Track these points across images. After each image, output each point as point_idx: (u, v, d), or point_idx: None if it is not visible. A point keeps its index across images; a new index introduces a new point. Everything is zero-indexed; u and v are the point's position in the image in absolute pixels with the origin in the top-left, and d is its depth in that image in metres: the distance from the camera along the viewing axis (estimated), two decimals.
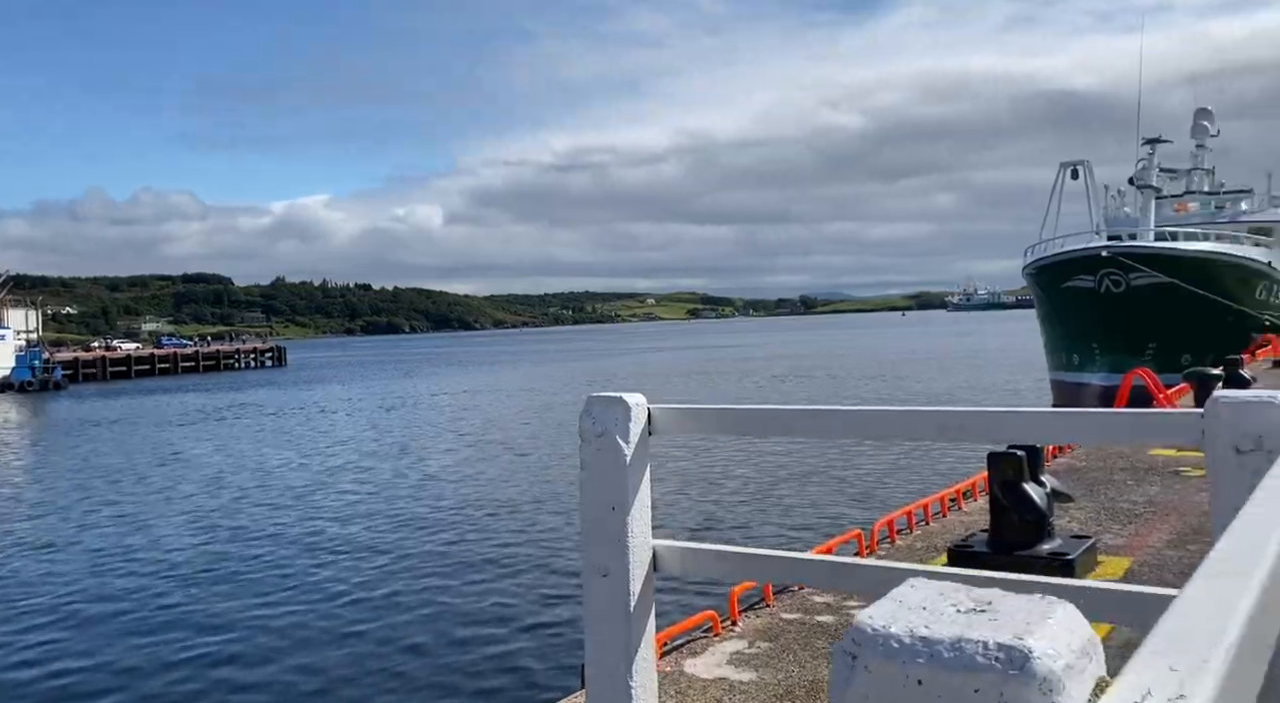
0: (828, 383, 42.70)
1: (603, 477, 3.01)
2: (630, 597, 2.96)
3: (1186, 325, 27.87)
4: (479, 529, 13.69)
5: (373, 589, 10.78)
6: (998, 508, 5.06)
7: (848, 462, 17.78)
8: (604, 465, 3.03)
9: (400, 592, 10.60)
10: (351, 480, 19.07)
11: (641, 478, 3.02)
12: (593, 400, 2.94)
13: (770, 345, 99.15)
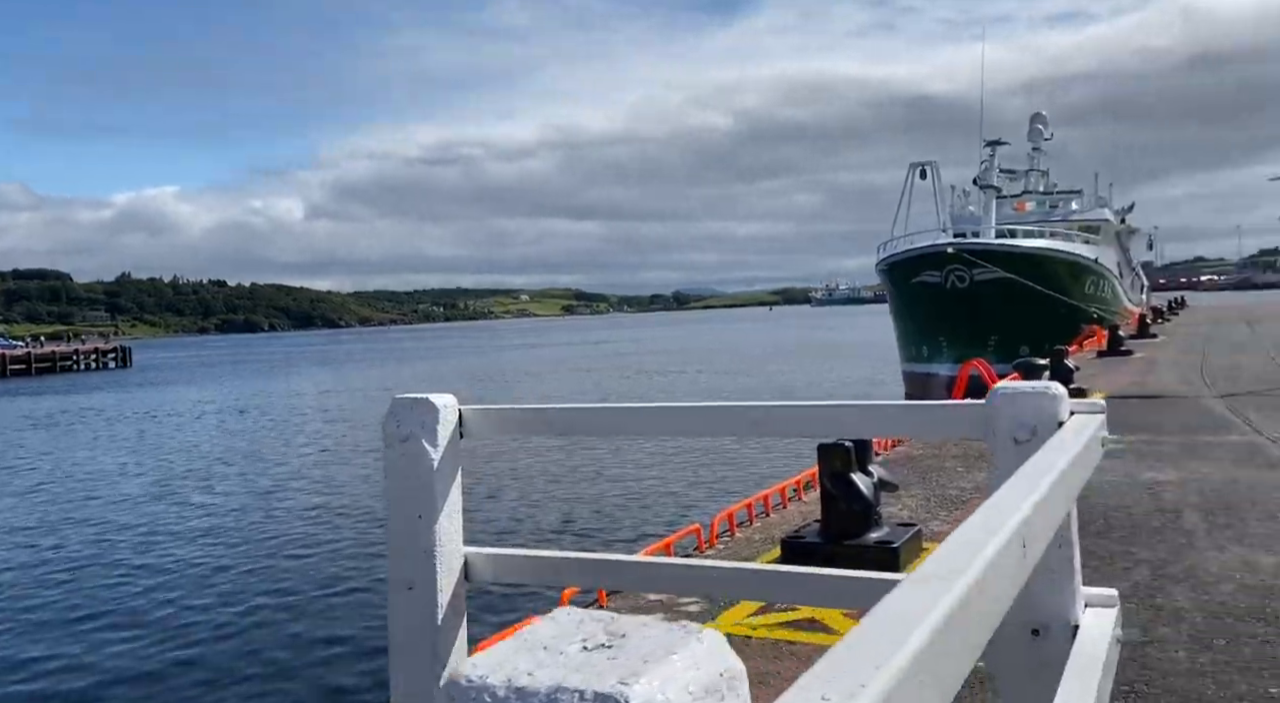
0: (696, 378, 43.38)
1: (408, 484, 2.84)
2: (438, 609, 2.81)
3: (1024, 318, 29.66)
4: (308, 543, 12.82)
5: (178, 608, 10.04)
6: (828, 499, 5.18)
7: (688, 457, 17.90)
8: (409, 472, 2.86)
9: (217, 608, 9.93)
10: (190, 489, 17.91)
11: (451, 484, 2.86)
12: (398, 403, 2.78)
13: (644, 341, 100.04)
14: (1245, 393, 11.77)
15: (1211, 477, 6.84)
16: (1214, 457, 7.60)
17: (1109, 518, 5.81)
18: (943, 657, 0.71)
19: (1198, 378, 13.88)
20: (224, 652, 8.65)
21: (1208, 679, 3.34)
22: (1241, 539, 5.16)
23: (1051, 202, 44.27)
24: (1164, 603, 4.18)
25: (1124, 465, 7.49)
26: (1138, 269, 51.07)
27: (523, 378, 47.46)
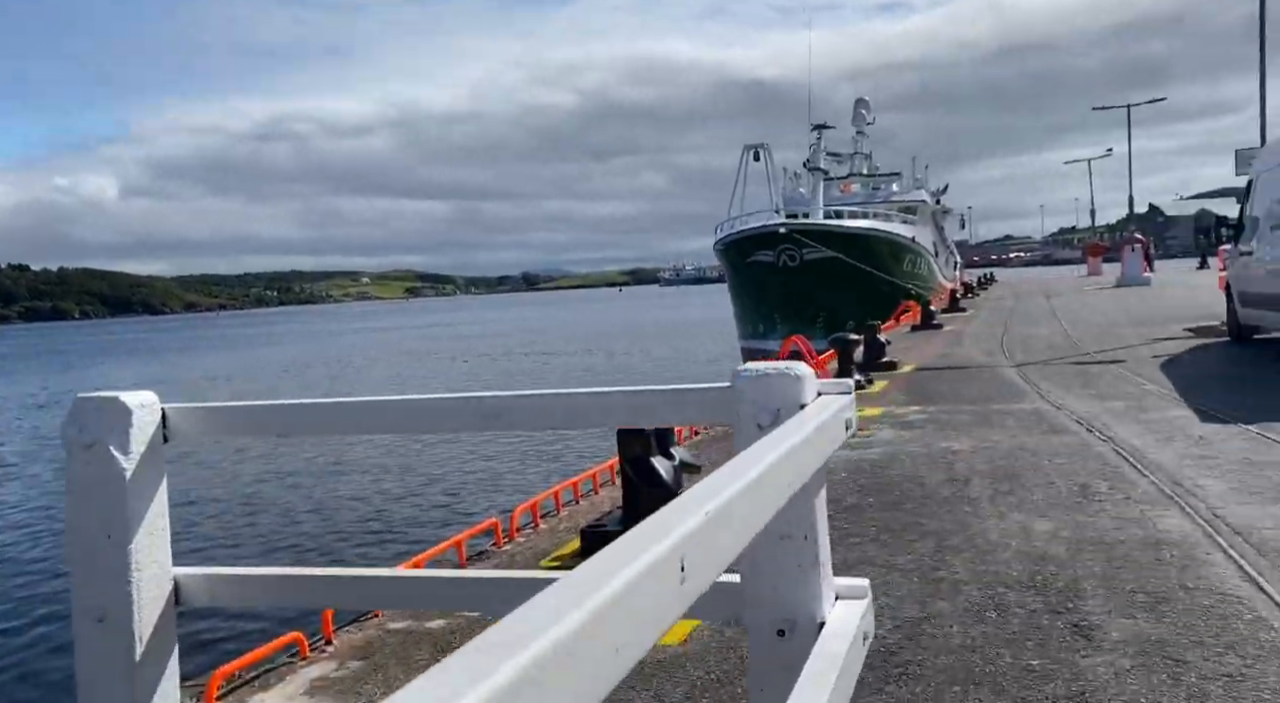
0: (540, 360, 42.97)
1: (94, 499, 2.37)
2: (137, 643, 2.37)
3: (850, 295, 30.97)
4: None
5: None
6: (628, 484, 5.00)
7: (484, 449, 17.49)
8: (96, 484, 2.39)
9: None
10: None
11: (152, 496, 2.41)
12: (81, 403, 2.30)
13: (490, 323, 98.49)
14: (1038, 362, 12.60)
15: (1001, 444, 7.16)
16: (1005, 425, 7.99)
17: (903, 489, 5.93)
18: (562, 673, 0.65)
19: (998, 349, 14.78)
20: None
21: (976, 655, 3.35)
22: (1021, 506, 5.36)
23: (874, 184, 46.60)
24: (945, 576, 4.23)
25: (923, 436, 7.75)
26: (952, 247, 54.53)
27: (346, 366, 45.49)
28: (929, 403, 9.61)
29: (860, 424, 7.29)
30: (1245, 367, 10.86)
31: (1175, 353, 12.42)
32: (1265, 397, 8.52)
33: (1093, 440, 7.09)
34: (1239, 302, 12.83)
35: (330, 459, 17.08)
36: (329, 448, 17.61)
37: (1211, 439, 6.81)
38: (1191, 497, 5.27)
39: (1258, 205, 11.96)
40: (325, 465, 16.74)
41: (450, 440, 17.27)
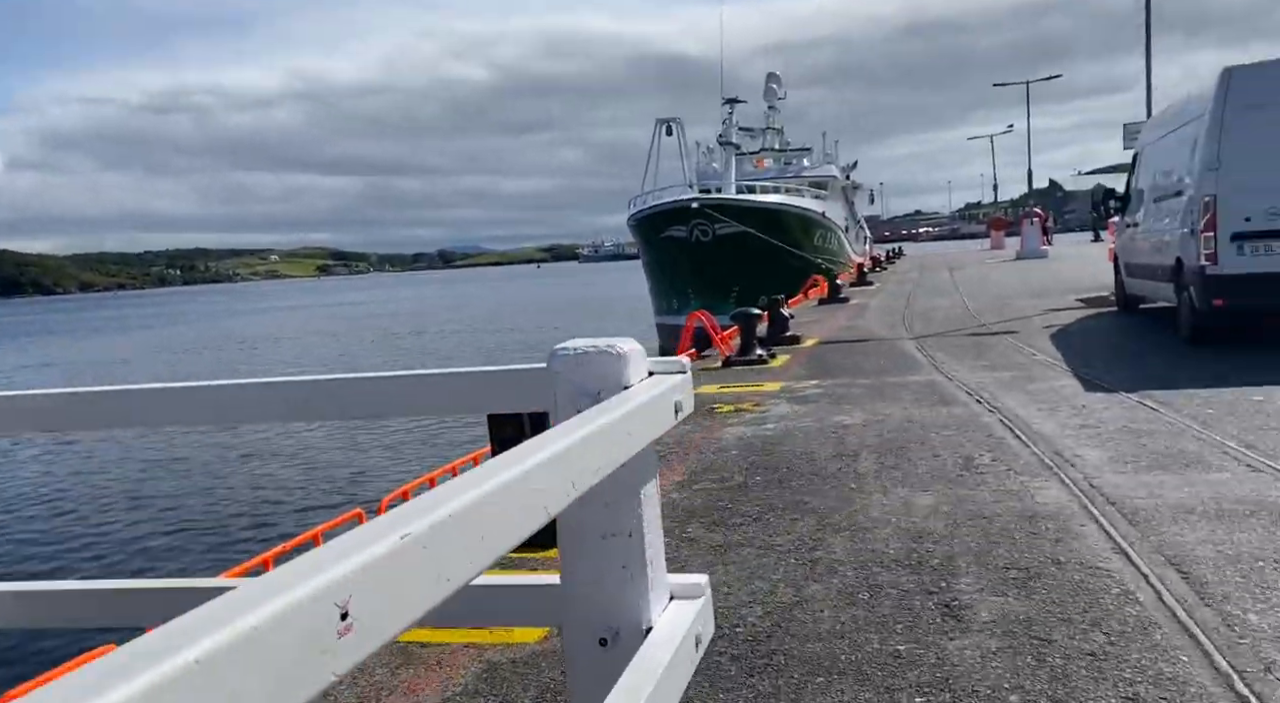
0: (449, 338, 42.16)
1: None
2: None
3: (762, 270, 31.18)
4: None
5: None
6: None
7: (357, 435, 17.04)
8: None
9: None
10: None
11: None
12: None
13: (403, 301, 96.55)
14: (936, 334, 12.77)
15: (892, 417, 7.14)
16: (897, 398, 7.99)
17: (792, 465, 5.82)
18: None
19: (900, 322, 14.97)
20: None
21: (844, 641, 3.21)
22: (906, 480, 5.29)
23: (785, 159, 46.98)
24: (822, 556, 4.11)
25: (818, 410, 7.69)
26: (862, 222, 55.53)
27: (247, 348, 43.85)
28: (827, 377, 9.59)
29: (758, 400, 7.18)
30: (1130, 337, 11.19)
31: (1066, 323, 12.74)
32: (1146, 366, 8.75)
33: (981, 411, 7.13)
34: (1125, 273, 13.23)
35: (169, 447, 16.26)
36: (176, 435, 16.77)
37: (1093, 408, 6.91)
38: (1071, 467, 5.29)
39: (1142, 178, 12.31)
40: (165, 454, 15.93)
41: (320, 426, 16.71)
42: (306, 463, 14.72)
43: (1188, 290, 9.53)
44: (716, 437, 6.89)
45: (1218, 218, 8.89)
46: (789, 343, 12.82)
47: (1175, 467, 5.15)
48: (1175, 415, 6.44)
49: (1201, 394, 7.12)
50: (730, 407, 8.18)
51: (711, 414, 7.88)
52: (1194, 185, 9.29)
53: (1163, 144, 11.03)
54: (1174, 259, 10.01)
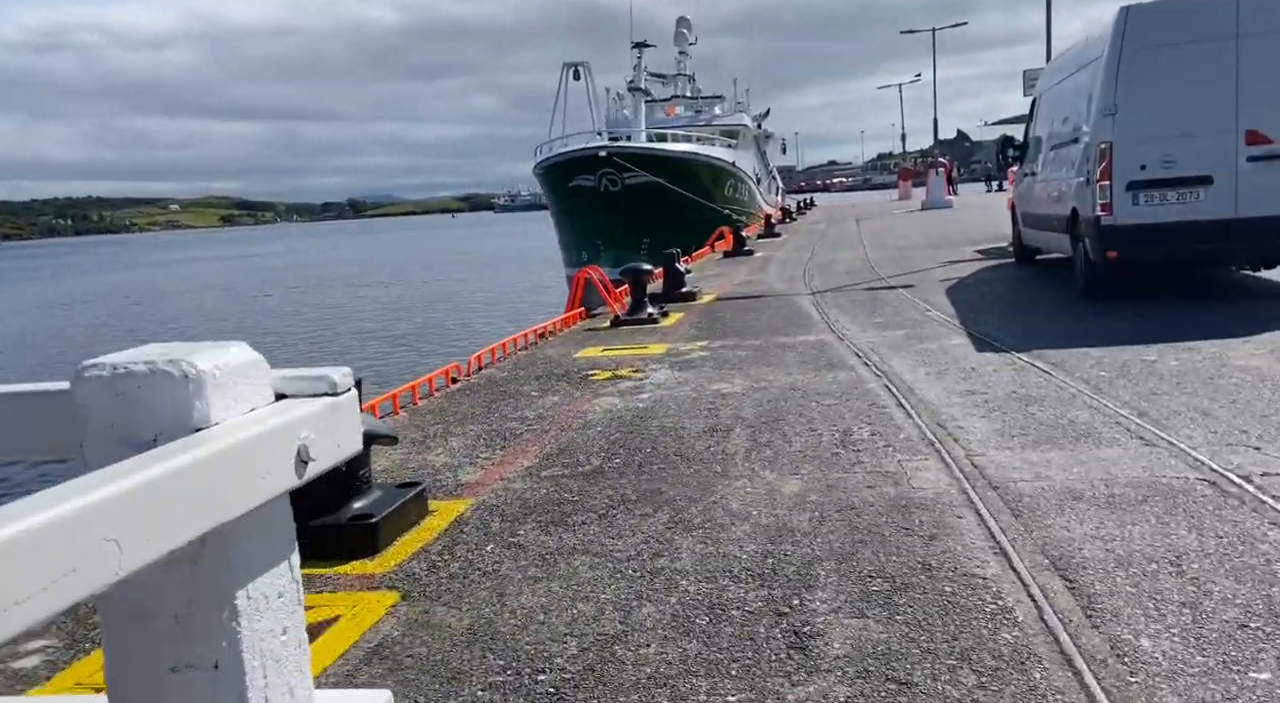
0: (346, 292, 40.41)
1: None
2: None
3: (672, 221, 30.46)
4: None
5: None
6: None
7: None
8: None
9: None
10: None
11: None
12: None
13: (308, 252, 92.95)
14: (833, 289, 12.35)
15: (775, 384, 6.60)
16: (784, 361, 7.46)
17: (657, 445, 5.21)
18: None
19: (800, 276, 14.53)
20: None
21: (665, 691, 2.61)
22: (776, 460, 4.74)
23: (697, 106, 46.09)
24: (664, 566, 3.50)
25: (699, 377, 7.10)
26: (774, 172, 55.22)
27: (130, 305, 41.29)
28: (716, 337, 9.02)
29: (638, 365, 6.47)
30: (1025, 290, 10.94)
31: (962, 277, 12.47)
32: (1039, 321, 8.43)
33: (867, 376, 6.64)
34: (1022, 223, 13.01)
35: None
36: None
37: (982, 371, 6.49)
38: (953, 442, 4.82)
39: (1040, 125, 12.00)
40: None
41: None
42: None
43: (1083, 242, 9.24)
44: (584, 410, 6.24)
45: (1113, 166, 8.56)
46: (684, 300, 12.22)
47: (1064, 440, 4.72)
48: (1067, 379, 6.06)
49: (1094, 354, 6.78)
50: (608, 373, 7.53)
51: (585, 383, 7.22)
52: (1090, 132, 8.93)
53: (1060, 89, 10.68)
54: (1070, 209, 9.70)
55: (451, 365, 7.73)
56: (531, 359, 8.57)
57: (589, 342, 9.46)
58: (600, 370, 7.68)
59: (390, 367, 18.21)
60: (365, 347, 22.99)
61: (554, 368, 7.98)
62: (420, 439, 5.72)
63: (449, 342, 22.22)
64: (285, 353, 22.08)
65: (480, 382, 7.62)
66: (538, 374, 7.74)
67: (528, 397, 6.85)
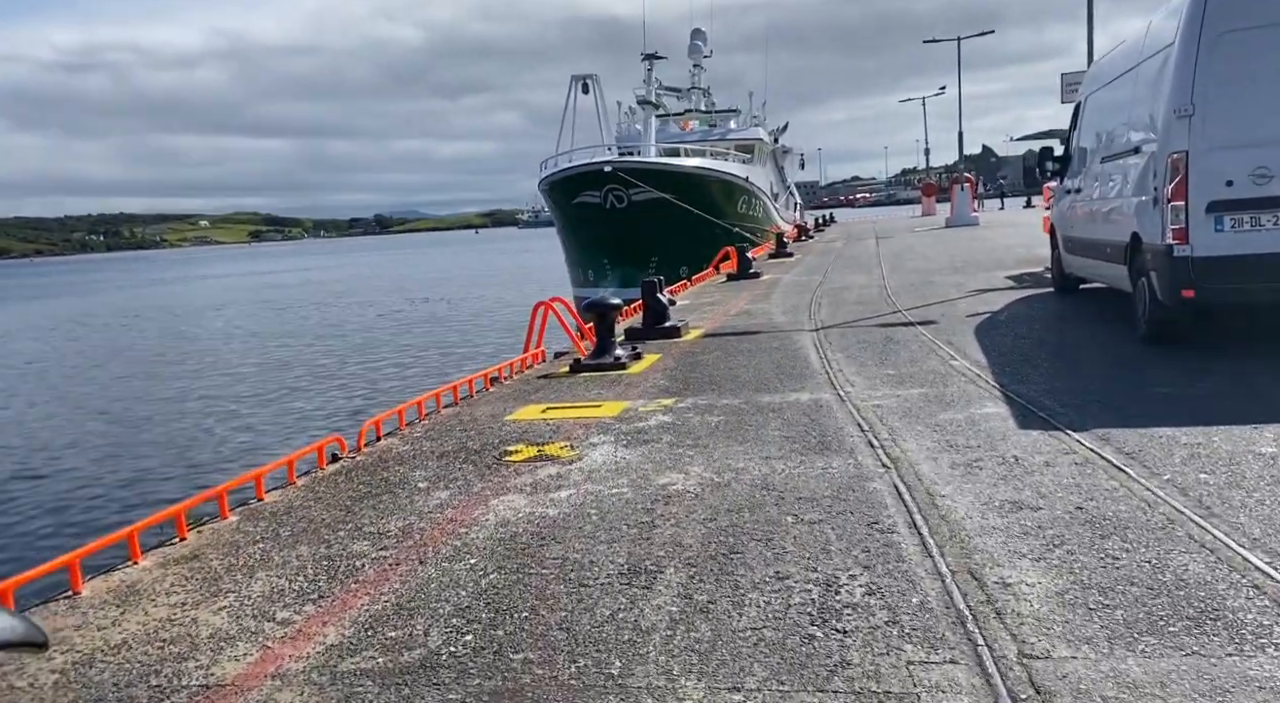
0: (359, 309, 38.99)
1: None
2: None
3: (682, 238, 28.84)
4: None
5: None
6: None
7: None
8: None
9: None
10: None
11: None
12: None
13: (333, 268, 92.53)
14: (842, 324, 10.55)
15: (743, 478, 4.83)
16: (763, 435, 5.69)
17: (540, 608, 3.44)
18: None
19: (806, 305, 12.74)
20: None
21: None
22: (710, 654, 2.97)
23: (711, 121, 44.39)
24: None
25: (648, 459, 5.35)
26: (792, 188, 53.37)
27: (156, 319, 40.11)
28: (688, 392, 7.27)
29: (578, 437, 4.49)
30: (1070, 332, 9.10)
31: (993, 311, 10.63)
32: (1095, 380, 6.60)
33: (871, 466, 4.86)
34: (1064, 248, 11.16)
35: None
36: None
37: (1030, 464, 4.69)
38: (997, 622, 3.02)
39: (1085, 134, 10.17)
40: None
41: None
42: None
43: (1147, 276, 7.40)
44: (471, 519, 4.50)
45: (1190, 182, 6.73)
46: (666, 336, 10.48)
47: (1175, 623, 2.92)
48: (1153, 484, 4.25)
49: (1181, 437, 4.96)
50: (533, 450, 5.80)
51: (498, 466, 5.48)
52: (1159, 139, 7.10)
53: (1114, 90, 8.86)
54: (1128, 235, 7.87)
55: (331, 438, 6.02)
56: (451, 424, 6.85)
57: (535, 395, 7.73)
58: (526, 445, 5.94)
59: (320, 414, 16.43)
60: (304, 390, 19.76)
61: (471, 438, 6.26)
62: (214, 577, 4.00)
63: (409, 378, 19.85)
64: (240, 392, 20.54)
65: (368, 460, 5.91)
66: (446, 448, 6.01)
67: (411, 491, 5.12)
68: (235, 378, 21.56)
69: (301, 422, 15.67)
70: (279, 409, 17.18)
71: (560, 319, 9.90)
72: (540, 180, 32.90)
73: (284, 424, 15.58)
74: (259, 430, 15.24)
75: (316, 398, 18.27)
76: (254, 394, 19.04)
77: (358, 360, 23.62)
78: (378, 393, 18.08)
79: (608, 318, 8.98)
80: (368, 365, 22.63)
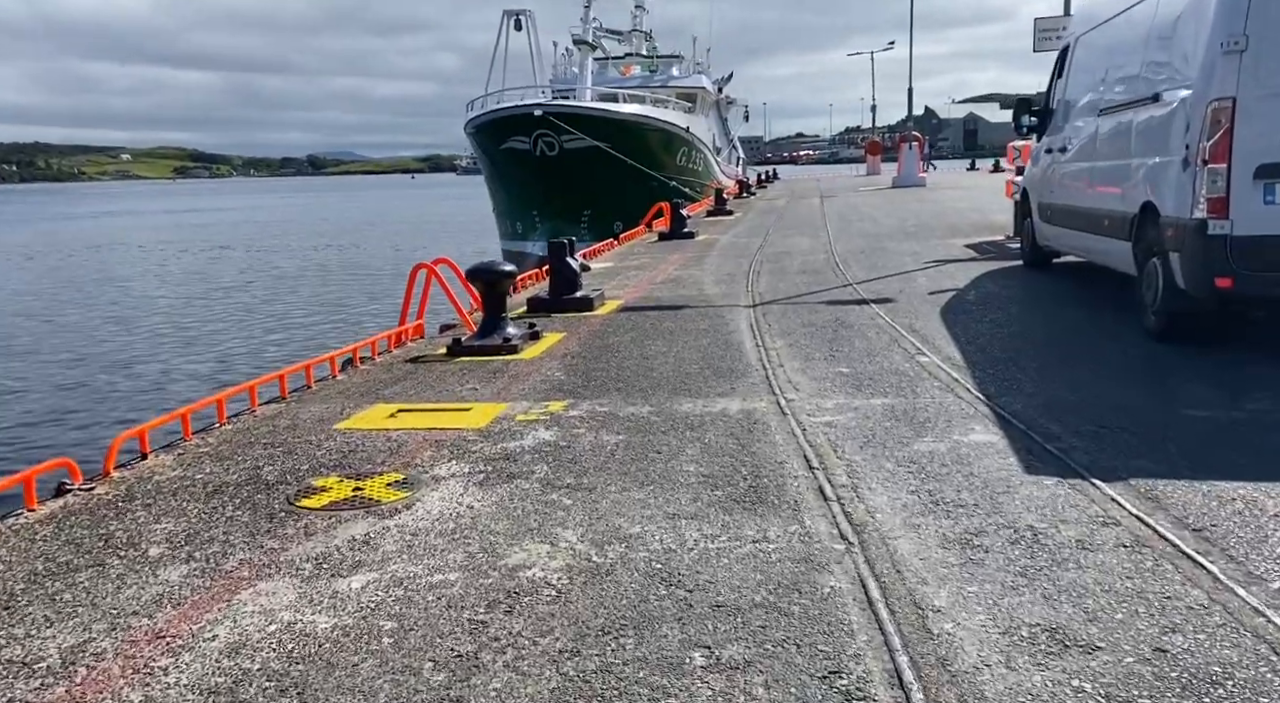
0: (268, 255, 36.26)
1: None
2: None
3: (617, 191, 26.93)
4: None
5: None
6: None
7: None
8: None
9: None
10: None
11: None
12: None
13: (254, 209, 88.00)
14: (784, 299, 8.98)
15: (637, 552, 3.21)
16: (675, 471, 4.07)
17: None
18: None
19: (744, 272, 11.14)
20: None
21: None
22: None
23: (652, 66, 42.14)
24: None
25: (500, 514, 3.69)
26: (735, 141, 51.54)
27: (43, 259, 36.71)
28: (586, 392, 5.61)
29: (421, 466, 2.91)
30: (1056, 317, 7.67)
31: (958, 287, 9.17)
32: (1106, 390, 5.12)
33: (824, 540, 3.28)
34: (1039, 215, 9.72)
35: None
36: None
37: (1058, 544, 3.16)
38: None
39: (1074, 82, 8.66)
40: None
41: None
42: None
43: (1164, 258, 5.93)
44: (185, 641, 2.79)
45: (1235, 138, 5.24)
46: (577, 309, 8.78)
47: None
48: (1260, 601, 2.75)
49: (1262, 497, 3.49)
50: (350, 486, 4.09)
51: (288, 518, 3.77)
52: (1197, 83, 5.57)
53: (1121, 25, 7.31)
54: (1137, 206, 6.39)
55: (56, 461, 4.21)
56: (259, 432, 5.07)
57: (391, 388, 5.99)
58: (341, 477, 4.22)
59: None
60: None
61: (274, 459, 4.51)
62: None
63: (266, 354, 15.93)
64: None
65: (109, 495, 4.12)
66: (228, 478, 4.26)
67: (131, 563, 3.37)
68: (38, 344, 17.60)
69: (83, 414, 12.22)
70: (62, 399, 13.17)
71: (444, 286, 8.10)
72: (466, 123, 30.56)
73: (61, 420, 11.96)
74: (32, 424, 11.73)
75: (120, 378, 14.38)
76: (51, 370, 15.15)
77: (213, 324, 19.76)
78: (218, 369, 14.70)
79: (498, 288, 7.23)
80: (222, 332, 18.79)
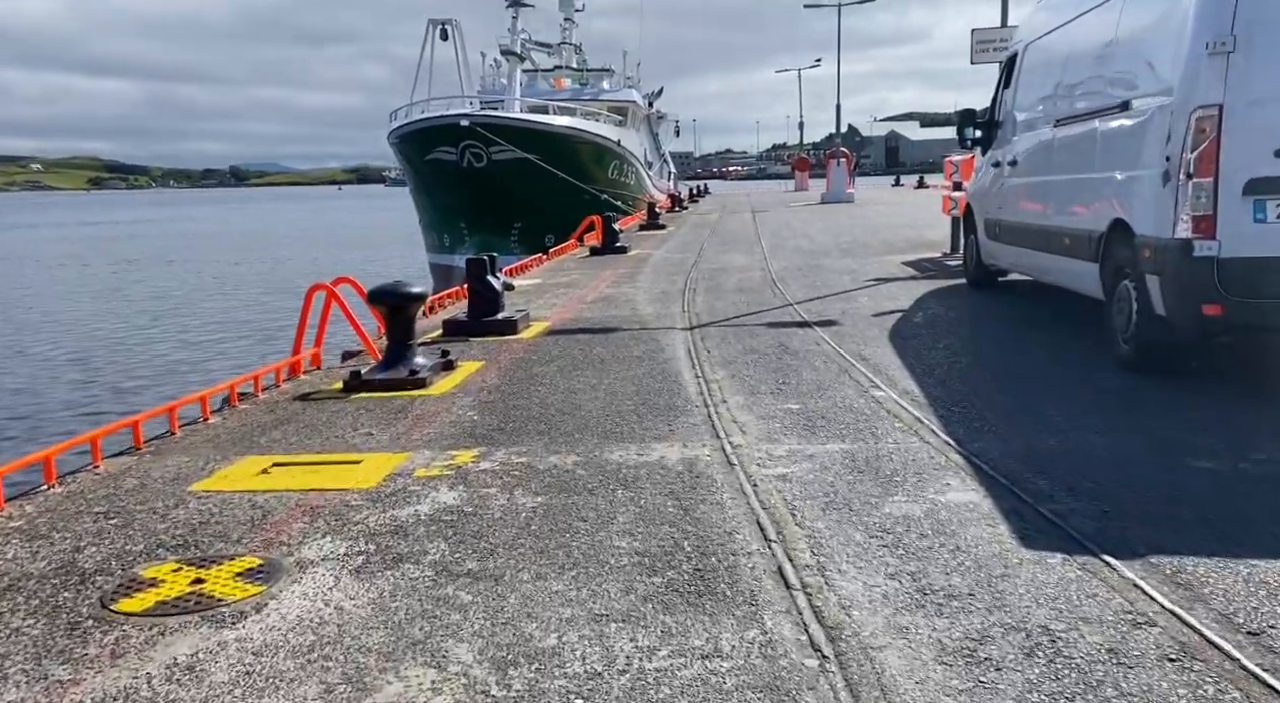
0: (165, 270, 34.33)
1: None
2: None
3: (547, 204, 26.14)
4: None
5: None
6: None
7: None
8: None
9: None
10: None
11: None
12: None
13: (167, 222, 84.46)
14: (721, 321, 8.31)
15: (550, 679, 2.43)
16: (604, 552, 3.30)
17: None
18: None
19: (679, 291, 10.46)
20: None
21: None
22: None
23: (582, 79, 41.55)
24: None
25: (388, 608, 2.86)
26: (666, 156, 51.24)
27: None
28: (501, 437, 4.80)
29: (300, 529, 1.74)
30: (1014, 345, 7.15)
31: (903, 309, 8.64)
32: (1088, 434, 4.53)
33: (793, 652, 2.54)
34: (984, 233, 9.28)
35: None
36: None
37: (1088, 659, 2.48)
38: None
39: (1024, 92, 8.23)
40: None
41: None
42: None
43: (1139, 282, 5.41)
44: None
45: (1223, 149, 4.74)
46: (499, 332, 7.96)
47: None
48: None
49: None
50: (190, 577, 3.20)
51: (95, 630, 2.87)
52: (1179, 89, 5.06)
53: (1080, 28, 6.85)
54: (1105, 223, 5.89)
55: None
56: (95, 494, 4.14)
57: (269, 433, 5.09)
58: (179, 564, 3.34)
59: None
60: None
61: (102, 538, 3.59)
62: None
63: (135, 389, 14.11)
64: None
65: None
66: (32, 567, 3.33)
67: None
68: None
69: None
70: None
71: (345, 309, 7.20)
72: (389, 133, 29.49)
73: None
74: None
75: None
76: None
77: (93, 350, 17.70)
78: (79, 406, 12.97)
79: (404, 313, 6.37)
80: (97, 359, 16.79)
